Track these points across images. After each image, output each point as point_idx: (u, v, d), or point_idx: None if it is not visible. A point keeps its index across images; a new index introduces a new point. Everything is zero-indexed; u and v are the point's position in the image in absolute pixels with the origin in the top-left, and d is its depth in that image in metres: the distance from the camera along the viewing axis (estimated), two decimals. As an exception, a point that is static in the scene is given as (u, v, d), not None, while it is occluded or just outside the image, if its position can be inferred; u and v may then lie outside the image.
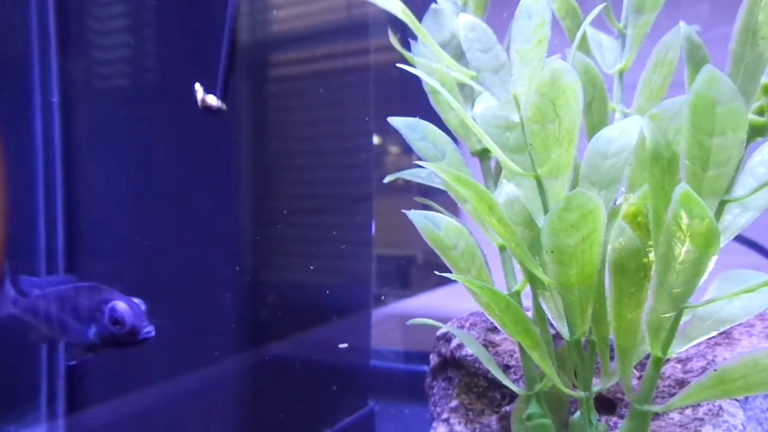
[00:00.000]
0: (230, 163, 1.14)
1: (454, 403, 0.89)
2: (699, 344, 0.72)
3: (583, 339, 0.69)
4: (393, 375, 1.61)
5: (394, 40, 0.86)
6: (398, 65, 0.76)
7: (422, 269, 1.93)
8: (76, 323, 0.97)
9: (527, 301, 0.77)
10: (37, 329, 1.03)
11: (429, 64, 0.83)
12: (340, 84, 1.33)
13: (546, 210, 0.68)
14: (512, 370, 0.84)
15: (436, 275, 0.73)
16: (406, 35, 0.87)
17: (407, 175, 0.86)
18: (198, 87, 0.95)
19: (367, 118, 1.38)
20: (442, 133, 0.82)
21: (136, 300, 0.96)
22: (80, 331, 0.97)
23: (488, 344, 0.87)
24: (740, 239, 1.16)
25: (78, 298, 0.99)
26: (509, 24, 0.70)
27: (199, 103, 0.95)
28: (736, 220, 0.65)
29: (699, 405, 0.74)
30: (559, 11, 0.83)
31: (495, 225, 0.66)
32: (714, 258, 0.58)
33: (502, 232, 0.66)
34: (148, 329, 0.94)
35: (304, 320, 1.26)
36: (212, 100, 0.95)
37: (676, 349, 0.65)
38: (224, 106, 0.94)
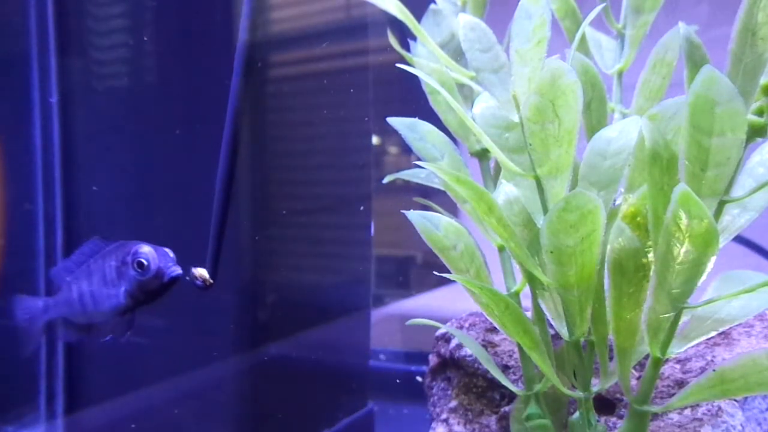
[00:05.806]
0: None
1: (453, 403, 0.89)
2: (698, 345, 0.72)
3: (582, 339, 0.69)
4: (392, 375, 1.61)
5: (393, 41, 0.86)
6: (397, 65, 0.76)
7: (421, 269, 1.93)
8: (106, 290, 0.92)
9: (526, 302, 0.77)
10: (73, 322, 0.97)
11: (428, 64, 0.83)
12: (339, 84, 1.33)
13: (545, 210, 0.68)
14: (511, 370, 0.84)
15: (436, 275, 0.72)
16: (405, 36, 0.87)
17: (406, 175, 0.86)
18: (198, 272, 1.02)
19: (366, 119, 1.38)
20: (442, 134, 0.82)
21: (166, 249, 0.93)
22: (111, 297, 0.92)
23: (487, 344, 0.87)
24: (739, 240, 1.16)
25: (105, 263, 0.93)
26: (509, 24, 0.70)
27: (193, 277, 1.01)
28: (735, 220, 0.65)
29: (698, 405, 0.74)
30: (559, 12, 0.83)
31: (494, 225, 0.66)
32: (713, 258, 0.58)
33: (502, 232, 0.66)
34: (174, 268, 0.89)
35: (304, 320, 1.26)
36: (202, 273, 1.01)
37: (675, 350, 0.65)
38: (211, 281, 1.02)
